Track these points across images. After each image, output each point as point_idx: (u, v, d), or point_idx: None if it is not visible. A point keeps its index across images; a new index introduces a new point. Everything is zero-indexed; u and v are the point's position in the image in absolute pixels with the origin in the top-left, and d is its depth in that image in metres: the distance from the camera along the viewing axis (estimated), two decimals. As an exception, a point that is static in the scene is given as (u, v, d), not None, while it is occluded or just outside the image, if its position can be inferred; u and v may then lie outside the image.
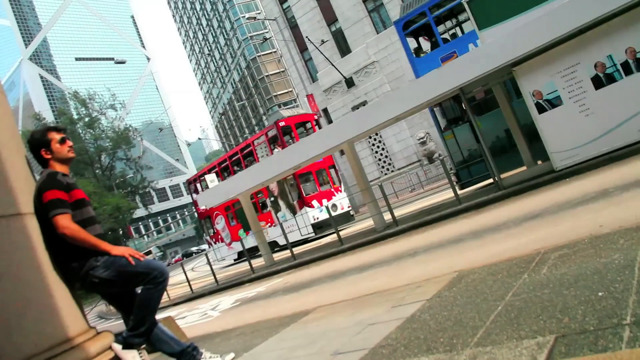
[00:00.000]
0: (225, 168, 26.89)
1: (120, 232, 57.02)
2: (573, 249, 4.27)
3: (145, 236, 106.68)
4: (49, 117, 76.81)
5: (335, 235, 14.09)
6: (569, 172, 9.88)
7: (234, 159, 26.02)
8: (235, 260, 27.28)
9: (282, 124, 22.45)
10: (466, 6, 10.90)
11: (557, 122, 10.11)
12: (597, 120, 9.67)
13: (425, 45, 15.33)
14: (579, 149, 9.90)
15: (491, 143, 12.58)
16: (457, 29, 15.19)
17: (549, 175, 10.25)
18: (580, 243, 4.41)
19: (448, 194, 14.44)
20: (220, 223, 27.47)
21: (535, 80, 10.24)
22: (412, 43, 14.77)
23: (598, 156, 9.63)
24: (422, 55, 14.37)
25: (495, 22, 10.67)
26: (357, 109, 31.56)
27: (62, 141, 3.57)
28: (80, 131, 60.32)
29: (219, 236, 27.78)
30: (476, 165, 13.73)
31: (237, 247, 26.06)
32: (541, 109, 10.24)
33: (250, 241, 22.61)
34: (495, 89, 11.93)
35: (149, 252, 76.78)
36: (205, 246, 60.57)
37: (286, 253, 15.84)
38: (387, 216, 13.83)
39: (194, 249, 78.11)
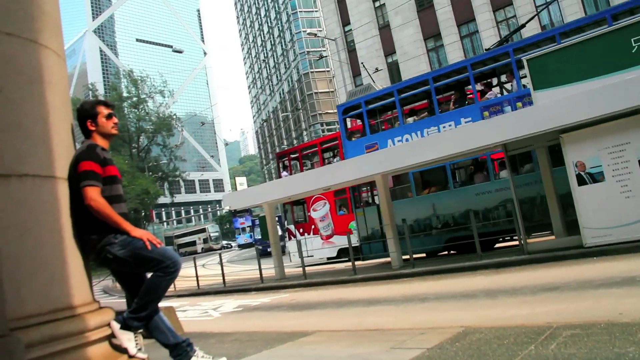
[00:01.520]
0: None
1: (143, 214, 57.76)
2: (587, 331, 4.14)
3: (165, 223, 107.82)
4: (100, 90, 78.80)
5: (354, 262, 13.94)
6: (597, 250, 9.62)
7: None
8: (329, 258, 21.09)
9: None
10: (525, 64, 10.83)
11: (596, 198, 9.89)
12: (638, 204, 9.43)
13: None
14: (613, 230, 9.65)
15: (523, 205, 12.52)
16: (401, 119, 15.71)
17: (577, 250, 10.02)
18: (595, 326, 4.27)
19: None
20: (320, 210, 21.57)
21: (581, 151, 10.07)
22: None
23: (631, 241, 9.36)
24: (353, 139, 16.14)
25: (552, 85, 10.56)
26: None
27: (109, 117, 3.65)
28: (126, 109, 61.64)
29: (314, 226, 21.83)
30: (375, 244, 15.58)
31: (338, 241, 20.66)
32: (581, 182, 10.04)
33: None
34: (539, 152, 11.79)
35: (203, 230, 77.19)
36: (233, 243, 60.46)
37: (299, 269, 15.77)
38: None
39: (223, 242, 77.92)
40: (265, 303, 11.64)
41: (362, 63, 32.12)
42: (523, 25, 16.73)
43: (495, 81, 14.99)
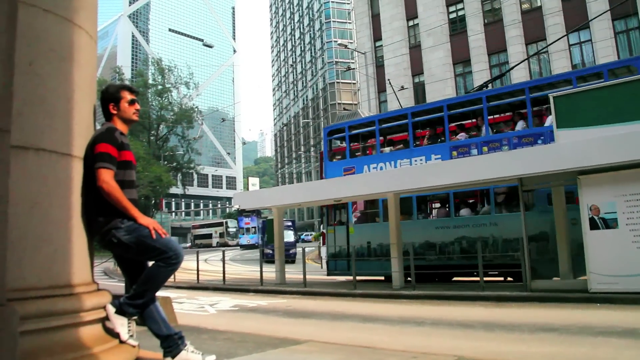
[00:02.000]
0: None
1: (153, 202, 58.06)
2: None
3: (174, 213, 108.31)
4: (127, 74, 79.61)
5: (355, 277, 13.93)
6: (602, 297, 9.48)
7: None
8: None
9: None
10: (551, 101, 10.76)
11: (607, 244, 9.76)
12: (648, 257, 9.30)
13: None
14: (620, 278, 9.51)
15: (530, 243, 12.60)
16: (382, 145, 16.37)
17: (581, 294, 9.89)
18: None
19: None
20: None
21: (598, 195, 9.96)
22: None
23: (638, 292, 9.22)
24: (334, 160, 16.92)
25: (575, 125, 10.45)
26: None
27: (132, 102, 3.68)
28: (150, 96, 62.16)
29: None
30: (341, 261, 16.06)
31: None
32: (594, 226, 9.92)
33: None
34: (555, 190, 11.69)
35: (221, 224, 76.62)
36: (244, 241, 59.86)
37: (299, 276, 15.77)
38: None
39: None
40: (262, 306, 11.62)
41: (388, 80, 32.16)
42: (503, 74, 17.66)
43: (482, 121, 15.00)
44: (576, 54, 27.62)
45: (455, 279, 14.48)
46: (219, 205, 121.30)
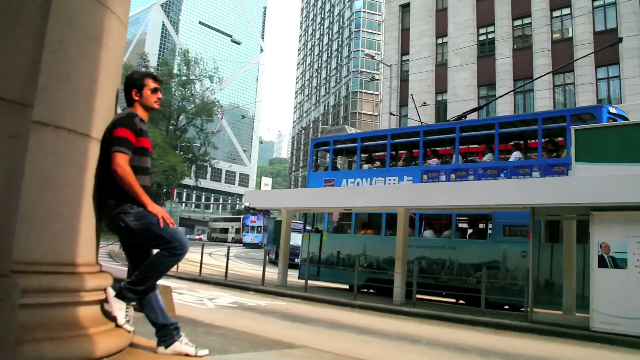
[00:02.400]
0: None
1: (165, 190, 58.31)
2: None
3: (184, 204, 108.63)
4: (153, 62, 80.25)
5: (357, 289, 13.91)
6: (603, 337, 9.36)
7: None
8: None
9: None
10: (572, 133, 10.68)
11: (613, 284, 9.64)
12: (654, 301, 9.17)
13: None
14: (624, 320, 9.37)
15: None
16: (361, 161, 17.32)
17: (582, 331, 9.77)
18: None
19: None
20: None
21: (610, 233, 9.85)
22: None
23: None
24: (317, 171, 17.86)
25: (594, 160, 10.34)
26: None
27: (154, 91, 3.72)
28: (173, 86, 62.53)
29: None
30: (312, 267, 16.42)
31: None
32: (602, 264, 9.81)
33: None
34: (566, 224, 11.59)
35: (239, 220, 75.26)
36: (247, 239, 59.45)
37: (301, 280, 15.80)
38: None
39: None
40: (261, 306, 11.63)
41: (411, 95, 32.12)
42: (481, 107, 20.04)
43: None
44: (603, 89, 27.41)
45: (439, 298, 14.86)
46: (229, 201, 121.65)
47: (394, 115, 33.48)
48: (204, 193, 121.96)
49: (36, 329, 2.57)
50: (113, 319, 3.26)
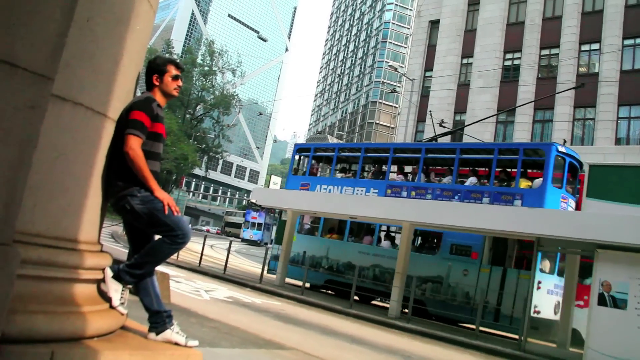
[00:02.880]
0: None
1: (174, 178, 58.53)
2: None
3: (191, 193, 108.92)
4: (178, 49, 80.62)
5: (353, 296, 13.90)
6: (595, 375, 9.29)
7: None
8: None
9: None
10: (586, 168, 10.61)
11: (611, 323, 9.55)
12: (651, 346, 9.06)
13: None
14: (617, 361, 9.29)
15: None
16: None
17: (574, 367, 9.69)
18: None
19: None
20: None
21: (613, 272, 9.76)
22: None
23: (632, 379, 9.00)
24: (296, 175, 18.62)
25: (605, 198, 10.28)
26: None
27: (175, 78, 3.73)
28: (195, 75, 62.80)
29: None
30: (292, 267, 16.84)
31: None
32: (602, 301, 9.73)
33: None
34: (569, 258, 11.50)
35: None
36: (246, 235, 58.99)
37: (298, 282, 15.84)
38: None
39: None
40: (256, 303, 11.63)
41: (430, 111, 32.00)
42: (447, 133, 20.35)
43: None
44: (623, 127, 27.19)
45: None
46: (237, 196, 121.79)
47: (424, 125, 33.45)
48: (212, 185, 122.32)
49: (31, 301, 2.58)
50: (108, 299, 3.26)
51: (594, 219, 10.00)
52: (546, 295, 12.30)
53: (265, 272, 16.89)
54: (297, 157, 19.55)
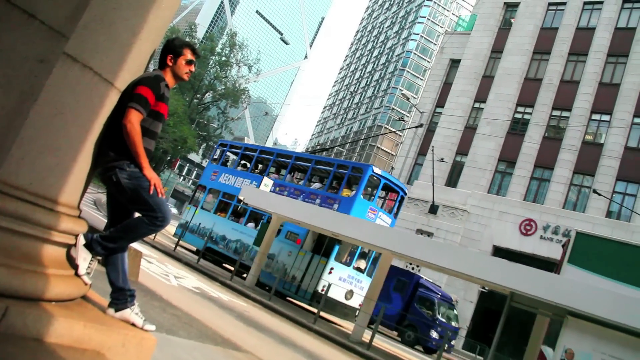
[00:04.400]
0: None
1: (168, 159, 58.32)
2: None
3: (182, 177, 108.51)
4: (199, 34, 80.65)
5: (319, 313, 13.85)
6: None
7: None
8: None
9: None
10: (573, 234, 10.65)
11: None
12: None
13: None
14: None
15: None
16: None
17: None
18: None
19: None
20: None
21: (579, 341, 9.77)
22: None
23: None
24: (212, 164, 23.06)
25: (587, 267, 10.34)
26: (421, 234, 31.26)
27: (189, 62, 3.73)
28: (211, 63, 62.81)
29: None
30: (179, 229, 21.52)
31: None
32: (562, 370, 9.72)
33: None
34: (539, 319, 11.51)
35: None
36: None
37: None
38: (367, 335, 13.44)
39: None
40: (222, 299, 11.55)
41: (432, 146, 32.23)
42: (326, 149, 23.67)
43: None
44: (617, 201, 27.37)
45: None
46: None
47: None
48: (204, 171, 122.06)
49: (-4, 252, 2.55)
50: (75, 266, 3.22)
51: (569, 285, 10.02)
52: (337, 281, 15.56)
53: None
54: (218, 151, 24.43)
